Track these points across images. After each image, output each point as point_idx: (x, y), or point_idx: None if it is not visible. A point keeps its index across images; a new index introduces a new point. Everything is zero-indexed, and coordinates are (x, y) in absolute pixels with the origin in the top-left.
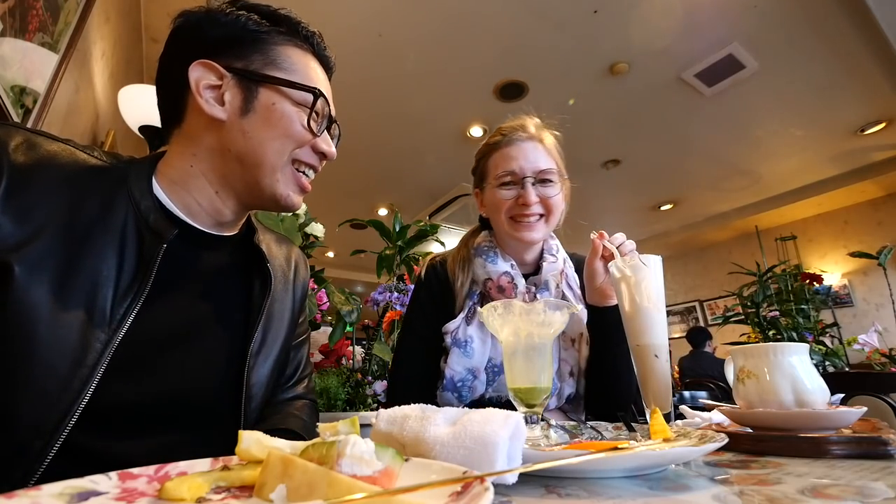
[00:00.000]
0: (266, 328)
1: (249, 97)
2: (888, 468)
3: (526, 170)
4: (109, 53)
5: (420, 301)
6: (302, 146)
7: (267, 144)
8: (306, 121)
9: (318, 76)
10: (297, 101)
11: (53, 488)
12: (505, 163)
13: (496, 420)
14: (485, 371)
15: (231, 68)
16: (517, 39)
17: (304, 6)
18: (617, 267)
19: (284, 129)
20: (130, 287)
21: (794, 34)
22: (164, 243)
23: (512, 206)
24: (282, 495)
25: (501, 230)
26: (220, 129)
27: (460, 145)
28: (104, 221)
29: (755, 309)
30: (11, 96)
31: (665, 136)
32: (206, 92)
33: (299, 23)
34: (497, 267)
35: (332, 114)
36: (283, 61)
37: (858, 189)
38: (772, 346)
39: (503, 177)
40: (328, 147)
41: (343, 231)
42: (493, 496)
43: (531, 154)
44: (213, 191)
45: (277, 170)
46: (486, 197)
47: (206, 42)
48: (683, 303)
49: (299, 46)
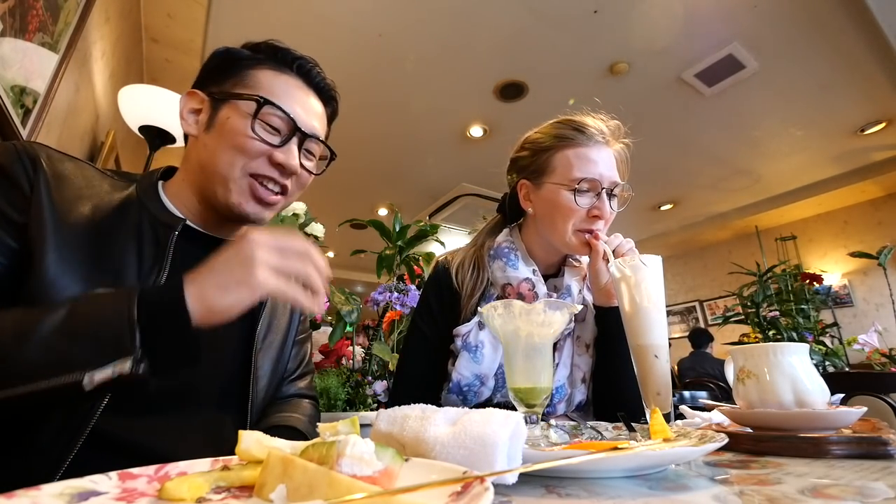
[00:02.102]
0: (271, 316)
1: (213, 114)
2: (888, 468)
3: (605, 179)
4: (109, 53)
5: (428, 303)
6: (255, 157)
7: (218, 155)
8: (251, 129)
9: (292, 93)
10: (250, 112)
11: (53, 488)
12: (587, 166)
13: (496, 420)
14: (494, 377)
15: (209, 93)
16: (517, 39)
17: (305, 6)
18: (617, 267)
19: (233, 139)
20: (152, 271)
21: (794, 34)
22: (176, 231)
23: (585, 217)
24: (282, 495)
25: (557, 236)
26: (195, 145)
27: (460, 145)
28: (121, 223)
29: (755, 309)
30: (11, 96)
31: (665, 136)
32: (189, 115)
33: (279, 48)
34: (518, 273)
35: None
36: (251, 81)
37: (858, 189)
38: (772, 346)
39: (584, 182)
40: (285, 158)
41: (343, 231)
42: (493, 496)
43: (610, 162)
44: (196, 201)
45: (230, 181)
46: (546, 196)
47: (201, 75)
48: (683, 303)
49: (276, 70)
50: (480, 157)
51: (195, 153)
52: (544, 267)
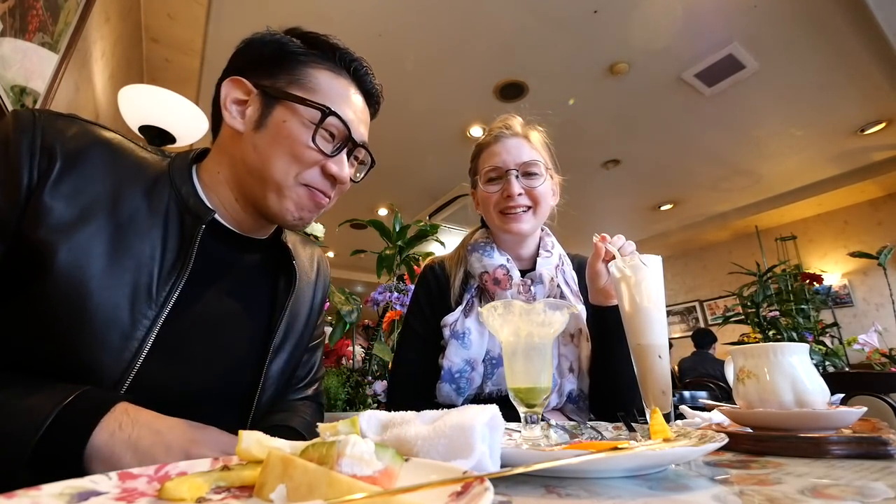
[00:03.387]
0: (289, 324)
1: (266, 112)
2: (888, 468)
3: (509, 163)
4: (109, 53)
5: (418, 302)
6: (310, 167)
7: (273, 161)
8: (312, 139)
9: (349, 99)
10: (310, 119)
11: (53, 488)
12: (490, 159)
13: (472, 410)
14: (482, 363)
15: (258, 85)
16: (517, 39)
17: (305, 6)
18: (617, 267)
19: (290, 146)
20: (174, 266)
21: (794, 34)
22: (203, 224)
23: (498, 199)
24: (282, 495)
25: (493, 225)
26: (239, 141)
27: (460, 145)
28: (149, 205)
29: (755, 309)
30: (11, 96)
31: (665, 136)
32: (233, 106)
33: (338, 48)
34: (493, 260)
35: (358, 139)
36: (309, 81)
37: (858, 189)
38: (772, 346)
39: (489, 172)
40: (338, 170)
41: (343, 231)
42: (493, 496)
43: (514, 149)
44: (234, 198)
45: (284, 188)
46: (478, 195)
47: (245, 61)
48: (683, 303)
49: (334, 71)
50: None
51: (240, 151)
52: (518, 260)
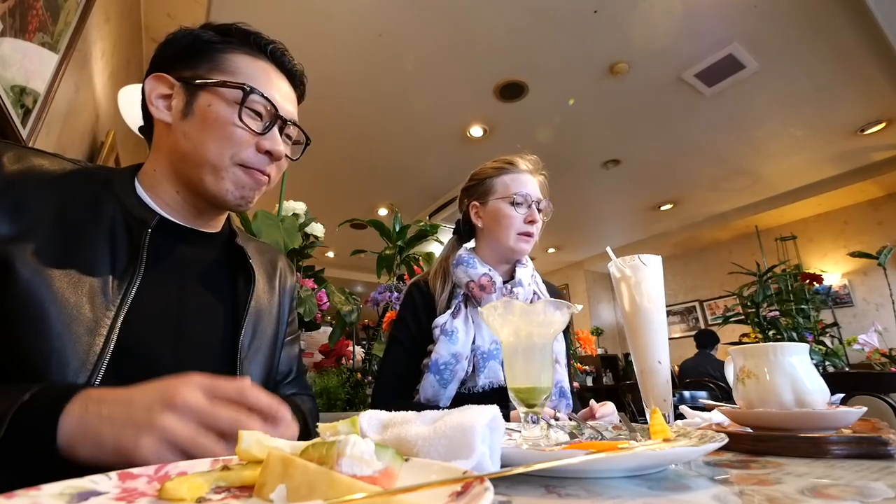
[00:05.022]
0: (255, 321)
1: (190, 101)
2: (888, 468)
3: (533, 196)
4: (109, 53)
5: (404, 318)
6: (243, 146)
7: (205, 145)
8: (239, 118)
9: (270, 78)
10: (234, 100)
11: (53, 488)
12: (521, 186)
13: (473, 410)
14: (467, 359)
15: (180, 77)
16: (517, 39)
17: (305, 6)
18: (617, 267)
19: (219, 128)
20: (126, 270)
21: (794, 34)
22: (149, 228)
23: (521, 223)
24: (282, 495)
25: (503, 241)
26: (170, 133)
27: (460, 145)
28: (94, 218)
29: (755, 309)
30: (11, 96)
31: (665, 136)
32: (158, 101)
33: (251, 32)
34: (477, 270)
35: (286, 116)
36: (227, 66)
37: (858, 189)
38: (772, 346)
39: (519, 196)
40: (272, 145)
41: (343, 231)
42: (493, 496)
43: (541, 186)
44: (175, 190)
45: (220, 170)
46: (491, 211)
47: (164, 58)
48: (683, 303)
49: (251, 54)
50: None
51: (172, 141)
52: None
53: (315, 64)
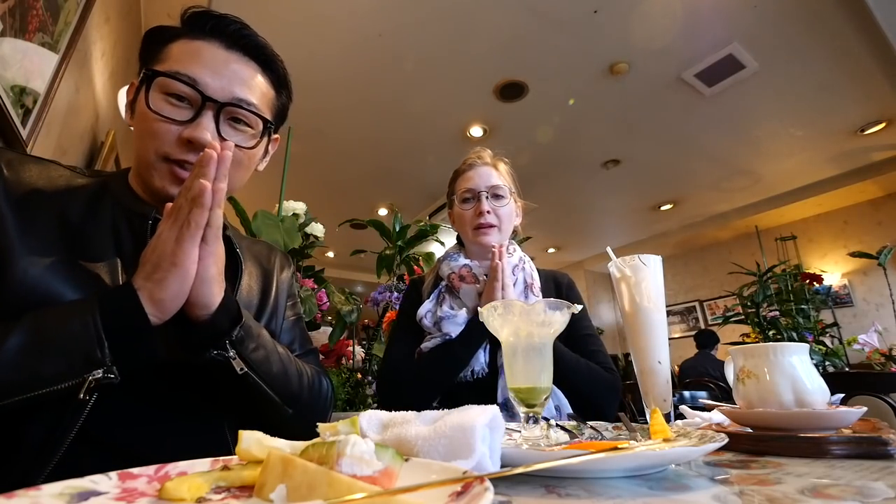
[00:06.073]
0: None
1: (134, 100)
2: (888, 468)
3: (480, 185)
4: (109, 53)
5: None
6: (164, 139)
7: (139, 143)
8: (147, 104)
9: (199, 59)
10: (158, 90)
11: (53, 488)
12: (465, 183)
13: (473, 410)
14: None
15: None
16: (517, 39)
17: (304, 6)
18: (617, 267)
19: (143, 124)
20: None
21: (794, 34)
22: (149, 220)
23: (472, 217)
24: (282, 495)
25: (466, 240)
26: None
27: (460, 145)
28: (94, 219)
29: (755, 309)
30: (11, 96)
31: (665, 136)
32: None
33: (195, 14)
34: (458, 262)
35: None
36: (164, 57)
37: (858, 189)
38: (772, 346)
39: (464, 193)
40: (191, 132)
41: (343, 231)
42: (493, 496)
43: (485, 175)
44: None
45: (151, 167)
46: (455, 215)
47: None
48: (683, 303)
49: (188, 37)
50: None
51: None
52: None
53: (315, 64)
